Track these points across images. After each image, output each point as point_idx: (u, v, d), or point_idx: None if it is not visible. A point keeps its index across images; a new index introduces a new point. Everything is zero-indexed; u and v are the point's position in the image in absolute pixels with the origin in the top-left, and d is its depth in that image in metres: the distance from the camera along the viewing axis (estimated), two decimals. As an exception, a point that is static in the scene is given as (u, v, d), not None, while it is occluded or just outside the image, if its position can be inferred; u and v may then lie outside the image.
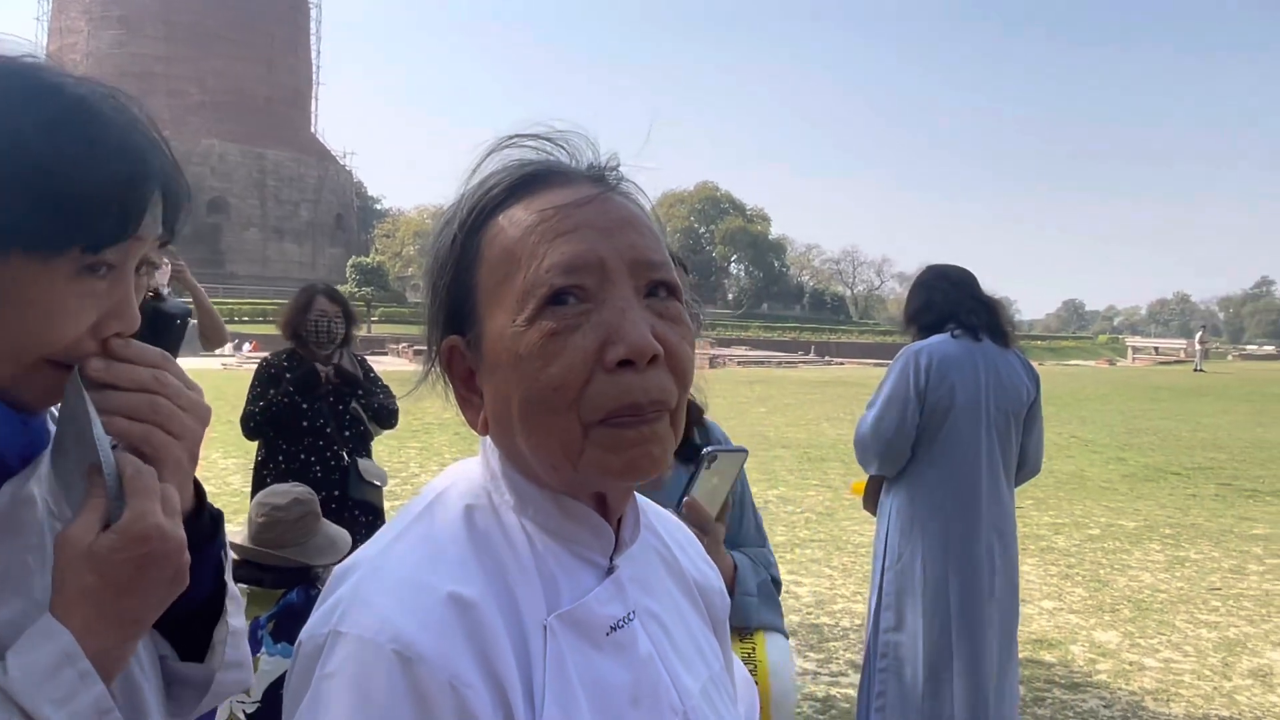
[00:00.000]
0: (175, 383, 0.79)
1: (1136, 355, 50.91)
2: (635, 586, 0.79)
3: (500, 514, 0.74)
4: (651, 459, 0.69)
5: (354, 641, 0.64)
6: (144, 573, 0.72)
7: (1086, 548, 6.97)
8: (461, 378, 0.76)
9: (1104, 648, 4.81)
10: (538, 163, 0.75)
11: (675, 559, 0.89)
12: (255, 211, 63.48)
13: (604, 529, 0.76)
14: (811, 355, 43.67)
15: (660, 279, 0.72)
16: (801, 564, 6.26)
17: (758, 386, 22.09)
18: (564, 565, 0.74)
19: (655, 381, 0.68)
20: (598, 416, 0.68)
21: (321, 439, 3.92)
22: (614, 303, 0.68)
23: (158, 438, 0.76)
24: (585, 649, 0.71)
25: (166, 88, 63.32)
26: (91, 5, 64.19)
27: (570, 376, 0.67)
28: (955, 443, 2.93)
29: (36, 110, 0.71)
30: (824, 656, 4.52)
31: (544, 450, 0.70)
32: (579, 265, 0.69)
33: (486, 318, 0.72)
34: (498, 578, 0.70)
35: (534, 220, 0.71)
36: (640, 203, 0.77)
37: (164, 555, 0.73)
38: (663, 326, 0.70)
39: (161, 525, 0.72)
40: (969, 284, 3.08)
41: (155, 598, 0.74)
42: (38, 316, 0.73)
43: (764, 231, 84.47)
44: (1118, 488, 9.55)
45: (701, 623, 0.88)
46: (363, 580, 0.69)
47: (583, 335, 0.67)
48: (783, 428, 13.98)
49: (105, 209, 0.72)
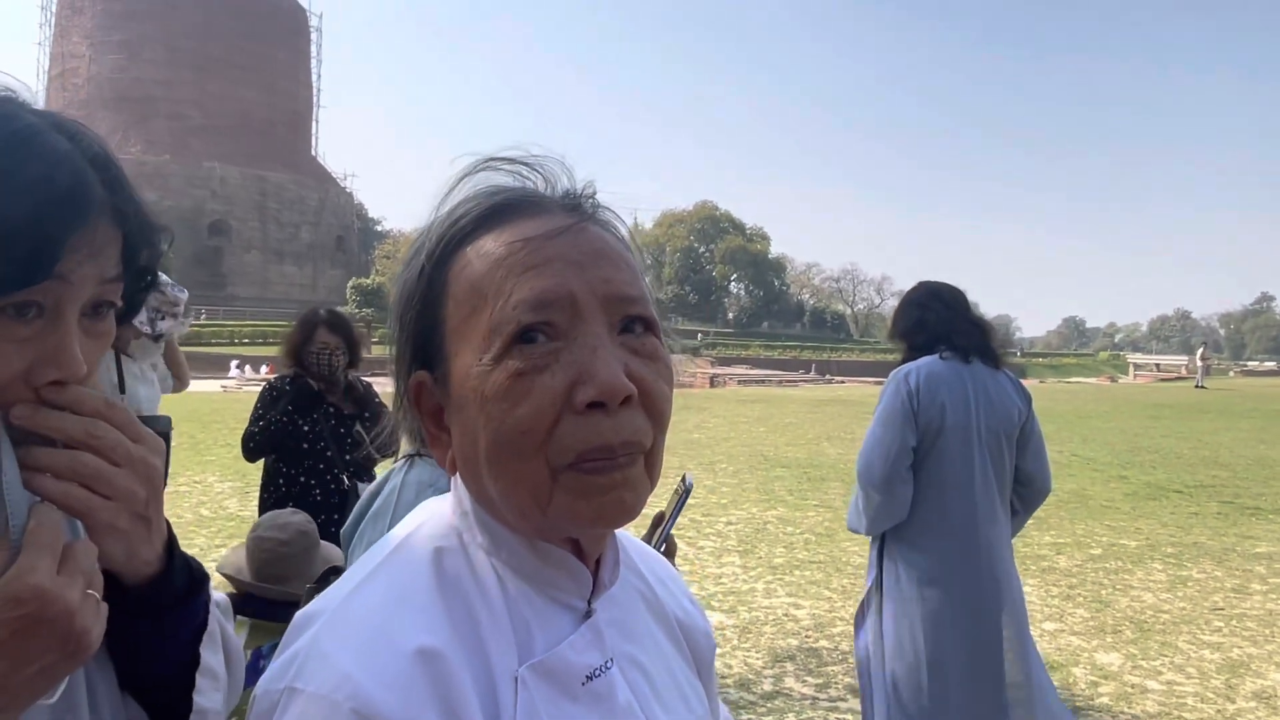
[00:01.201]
0: (112, 435, 0.71)
1: (1138, 372, 50.89)
2: (614, 631, 0.75)
3: (471, 556, 0.71)
4: (623, 505, 0.66)
5: (310, 699, 0.61)
6: (20, 638, 0.64)
7: (1088, 568, 6.91)
8: (430, 414, 0.73)
9: (1106, 670, 4.76)
10: (509, 191, 0.72)
11: (658, 599, 0.85)
12: (256, 234, 63.69)
13: (581, 572, 0.73)
14: (812, 374, 43.64)
15: (636, 314, 0.68)
16: (800, 586, 6.21)
17: (757, 405, 22.04)
18: (538, 610, 0.71)
19: (628, 422, 0.65)
20: (566, 460, 0.64)
21: (322, 462, 3.89)
22: (585, 340, 0.65)
23: (79, 498, 0.69)
24: (559, 700, 0.68)
25: (168, 111, 63.76)
26: (93, 30, 64.68)
27: (538, 419, 0.64)
28: (947, 464, 2.91)
29: None
30: (822, 681, 4.47)
31: (512, 495, 0.67)
32: (548, 301, 0.65)
33: (453, 355, 0.69)
34: (467, 625, 0.66)
35: (502, 253, 0.67)
36: (618, 232, 0.73)
37: (44, 620, 0.64)
38: (637, 364, 0.67)
39: (41, 586, 0.64)
40: (961, 305, 3.08)
41: (33, 667, 0.65)
42: None
43: (764, 250, 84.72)
44: (1119, 506, 9.49)
45: (685, 665, 0.85)
46: (322, 632, 0.65)
47: (551, 375, 0.64)
48: (782, 447, 13.92)
49: (7, 250, 0.66)
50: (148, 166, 60.41)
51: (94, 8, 64.85)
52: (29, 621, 0.64)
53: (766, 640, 5.06)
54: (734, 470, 11.46)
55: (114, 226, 0.73)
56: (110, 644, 0.75)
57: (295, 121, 71.56)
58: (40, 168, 0.68)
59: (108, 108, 63.20)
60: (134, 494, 0.73)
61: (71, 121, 0.75)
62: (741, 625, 5.30)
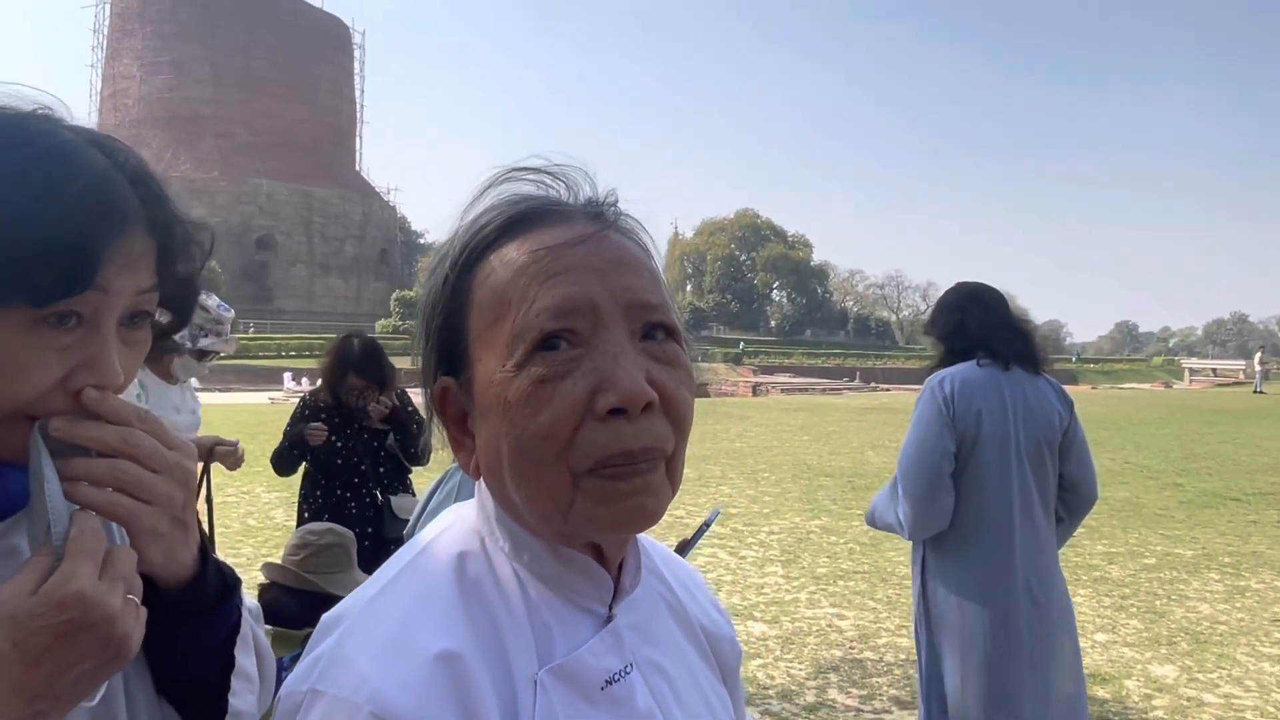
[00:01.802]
0: (148, 443, 0.74)
1: (1193, 377, 49.75)
2: (635, 636, 0.76)
3: (493, 561, 0.72)
4: (644, 511, 0.67)
5: (331, 701, 0.62)
6: (64, 642, 0.66)
7: (1142, 578, 6.74)
8: (455, 420, 0.74)
9: (1161, 682, 4.62)
10: (532, 199, 0.73)
11: (682, 605, 0.85)
12: (302, 248, 64.82)
13: (602, 577, 0.73)
14: (857, 381, 43.28)
15: (657, 321, 0.69)
16: (845, 596, 6.13)
17: (800, 414, 21.89)
18: (559, 615, 0.71)
19: (649, 428, 0.66)
20: (587, 465, 0.65)
21: (357, 476, 3.95)
22: (606, 347, 0.66)
23: (122, 504, 0.72)
24: (579, 704, 0.68)
25: (215, 130, 65.23)
26: (144, 51, 66.41)
27: (559, 426, 0.65)
28: (985, 472, 2.84)
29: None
30: (866, 693, 4.40)
31: (534, 501, 0.68)
32: (570, 308, 0.66)
33: (477, 361, 0.70)
34: (487, 629, 0.67)
35: (525, 261, 0.68)
36: (640, 240, 0.74)
37: (86, 625, 0.66)
38: (659, 371, 0.67)
39: (84, 591, 0.66)
40: (1001, 308, 3.00)
41: (76, 671, 0.67)
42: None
43: (805, 258, 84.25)
44: (1174, 515, 9.25)
45: (709, 672, 0.84)
46: (345, 635, 0.67)
47: (573, 382, 0.65)
48: (826, 456, 13.80)
49: (49, 262, 0.68)
50: (197, 183, 61.77)
51: (144, 29, 66.61)
52: (72, 627, 0.66)
53: (810, 651, 4.99)
54: (776, 479, 11.38)
55: (150, 238, 0.76)
56: (147, 647, 0.76)
57: (339, 137, 72.81)
58: (78, 182, 0.71)
59: (158, 126, 64.79)
60: (172, 498, 0.75)
61: (106, 136, 0.77)
62: (784, 636, 5.24)
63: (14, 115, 0.73)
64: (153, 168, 0.80)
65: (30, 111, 0.75)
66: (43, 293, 0.69)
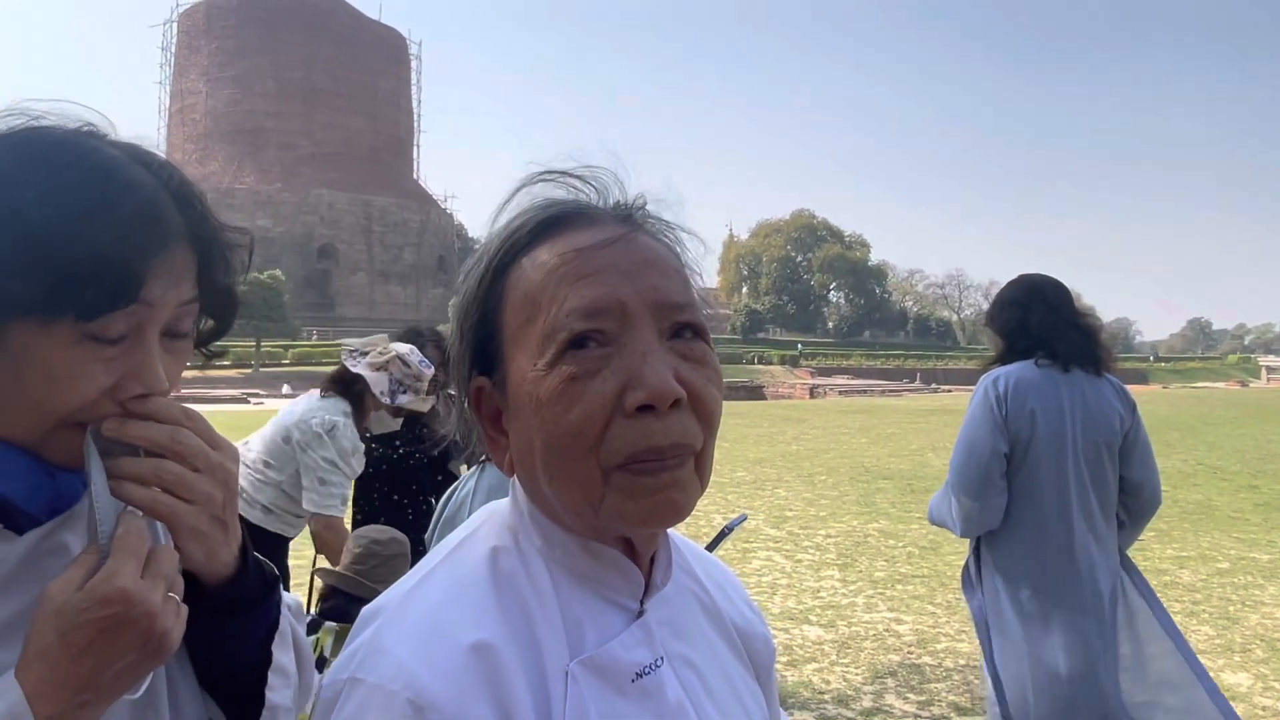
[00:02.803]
0: (194, 442, 0.77)
1: (1271, 375, 48.04)
2: (666, 630, 0.77)
3: (526, 556, 0.73)
4: (673, 506, 0.68)
5: (370, 689, 0.64)
6: (107, 636, 0.69)
7: (1214, 583, 6.52)
8: (489, 418, 0.76)
9: (1234, 691, 4.46)
10: (562, 203, 0.75)
11: (714, 602, 0.86)
12: (362, 256, 66.07)
13: (633, 572, 0.74)
14: (917, 383, 42.67)
15: (685, 320, 0.71)
16: (903, 600, 6.03)
17: (859, 416, 21.65)
18: (590, 609, 0.73)
19: (677, 425, 0.67)
20: (617, 461, 0.66)
21: (415, 483, 3.98)
22: (635, 346, 0.67)
23: (164, 503, 0.75)
24: (609, 696, 0.69)
25: (278, 142, 66.84)
26: (209, 67, 68.34)
27: (589, 423, 0.66)
28: (1041, 474, 2.76)
29: (45, 179, 0.71)
30: (925, 699, 4.32)
31: (566, 496, 0.70)
32: (599, 309, 0.68)
33: (510, 361, 0.72)
34: (520, 622, 0.69)
35: (556, 263, 0.70)
36: (668, 242, 0.76)
37: (128, 620, 0.69)
38: (687, 369, 0.69)
39: (127, 589, 0.69)
40: (1065, 304, 2.90)
41: (118, 664, 0.70)
42: (40, 380, 0.73)
43: (863, 258, 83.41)
44: (1249, 518, 8.94)
45: (742, 669, 0.85)
46: (383, 626, 0.69)
47: (602, 380, 0.67)
48: (884, 459, 13.63)
49: (97, 278, 0.71)
50: (261, 195, 63.43)
51: (209, 46, 68.59)
52: (115, 622, 0.69)
53: (866, 656, 4.92)
54: (834, 482, 11.26)
55: (191, 251, 0.79)
56: (189, 642, 0.79)
57: (397, 146, 74.11)
58: (123, 199, 0.73)
59: (224, 140, 66.64)
60: (213, 498, 0.77)
61: (149, 152, 0.79)
62: (840, 640, 5.17)
63: (61, 134, 0.76)
64: (193, 182, 0.82)
65: (76, 130, 0.77)
66: (90, 307, 0.71)
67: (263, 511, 3.42)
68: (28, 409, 0.74)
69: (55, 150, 0.74)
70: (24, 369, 0.72)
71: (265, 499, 3.42)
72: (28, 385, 0.73)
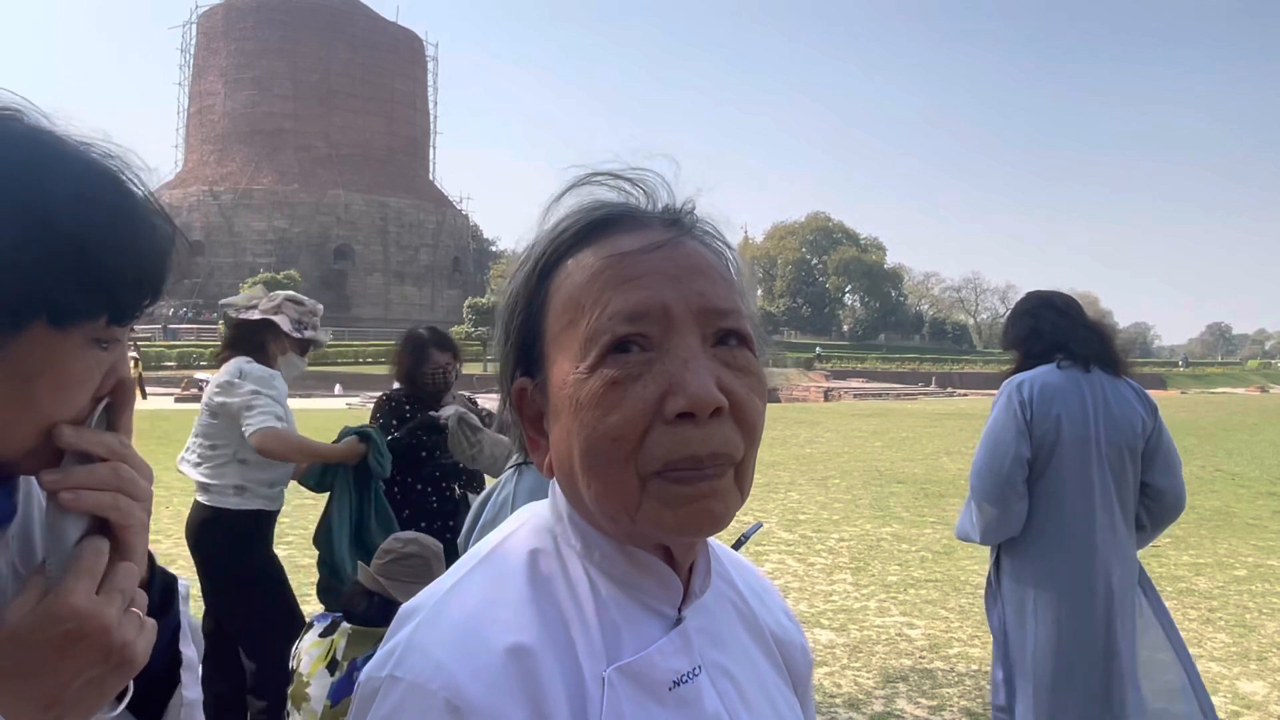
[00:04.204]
0: (130, 449, 0.79)
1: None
2: (704, 639, 0.76)
3: (565, 559, 0.74)
4: (710, 515, 0.67)
5: (408, 687, 0.65)
6: (64, 654, 0.70)
7: (1231, 590, 6.46)
8: (531, 420, 0.76)
9: (1250, 700, 4.42)
10: (609, 206, 0.74)
11: (752, 611, 0.85)
12: (378, 257, 66.33)
13: (671, 579, 0.74)
14: (932, 386, 42.50)
15: (730, 327, 0.70)
16: (915, 605, 6.00)
17: (874, 419, 21.57)
18: (628, 615, 0.72)
19: (717, 433, 0.66)
20: (654, 468, 0.66)
21: (439, 470, 3.99)
22: (677, 352, 0.67)
23: (124, 502, 0.76)
24: (646, 703, 0.69)
25: (296, 143, 67.21)
26: (228, 69, 68.77)
27: (629, 427, 0.66)
28: (1064, 477, 2.75)
29: (65, 182, 0.70)
30: (936, 703, 4.29)
31: (603, 500, 0.69)
32: (642, 313, 0.67)
33: (552, 363, 0.72)
34: (557, 625, 0.69)
35: (600, 266, 0.70)
36: (715, 247, 0.74)
37: (83, 636, 0.70)
38: (729, 377, 0.68)
39: (77, 605, 0.70)
40: (1076, 311, 2.92)
41: (81, 680, 0.71)
42: (49, 388, 0.73)
43: (879, 261, 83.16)
44: (1268, 525, 8.84)
45: (779, 679, 0.84)
46: (422, 625, 0.69)
47: (643, 385, 0.66)
48: (899, 462, 13.56)
49: (132, 281, 0.74)
50: (278, 195, 63.76)
51: (228, 47, 69.01)
52: (69, 639, 0.70)
53: (878, 660, 4.90)
54: (847, 485, 11.22)
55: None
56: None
57: (414, 148, 74.35)
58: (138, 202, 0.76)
59: (242, 141, 67.07)
60: (149, 495, 0.79)
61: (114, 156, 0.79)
62: (852, 644, 5.15)
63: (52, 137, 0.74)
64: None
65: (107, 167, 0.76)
66: (127, 308, 0.75)
67: (235, 492, 3.47)
68: (27, 420, 0.72)
69: (44, 150, 0.72)
70: (33, 378, 0.71)
71: (232, 480, 3.47)
72: (35, 393, 0.72)
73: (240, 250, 62.69)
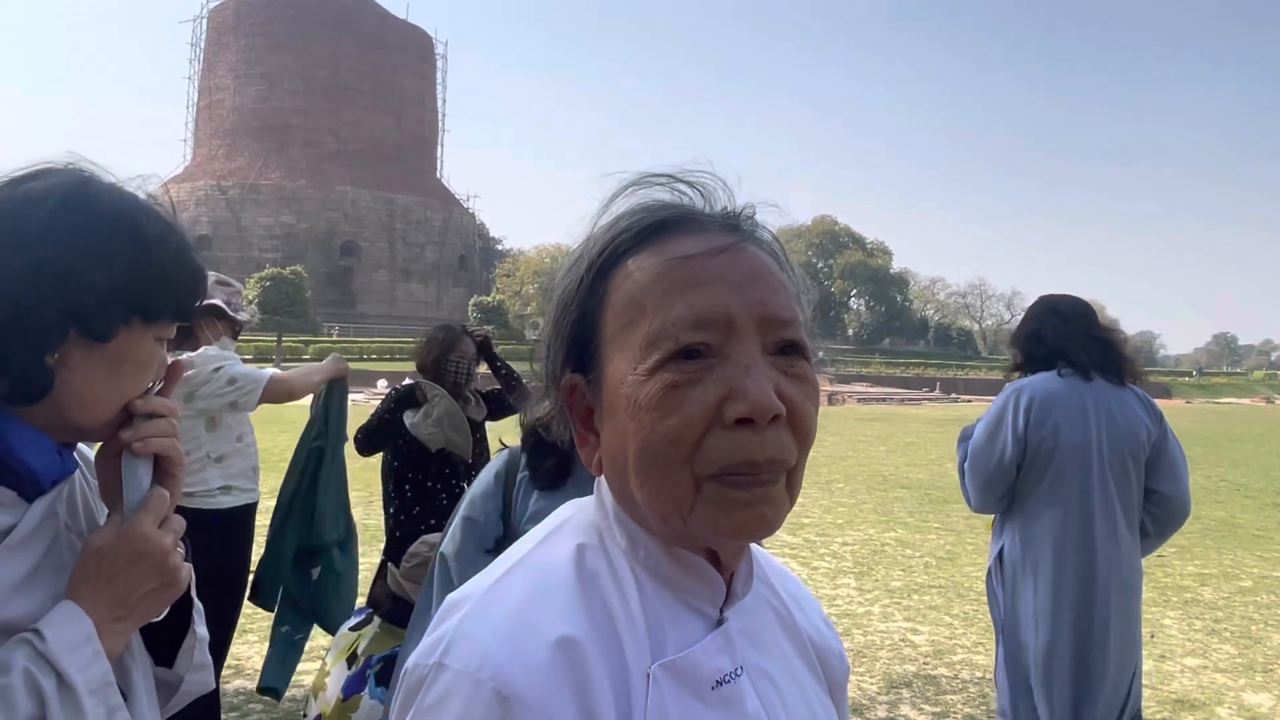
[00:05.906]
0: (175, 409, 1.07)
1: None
2: (745, 641, 0.76)
3: (611, 555, 0.74)
4: (763, 521, 0.68)
5: (456, 675, 0.65)
6: (133, 567, 0.95)
7: (1236, 601, 6.44)
8: (580, 416, 0.76)
9: (1255, 711, 4.40)
10: (671, 207, 0.74)
11: (791, 616, 0.85)
12: (384, 254, 66.39)
13: (716, 580, 0.74)
14: (936, 392, 42.44)
15: (789, 338, 0.70)
16: (919, 611, 5.99)
17: (877, 424, 21.56)
18: (672, 612, 0.72)
19: (774, 440, 0.67)
20: (711, 471, 0.66)
21: (449, 466, 3.98)
22: (738, 359, 0.67)
23: (177, 446, 1.04)
24: (689, 701, 0.69)
25: (304, 139, 67.32)
26: (237, 64, 68.92)
27: (687, 430, 0.66)
28: (1064, 484, 2.79)
29: (152, 224, 1.01)
30: (940, 710, 4.29)
31: (656, 501, 0.69)
32: (706, 320, 0.68)
33: (608, 361, 0.72)
34: (603, 620, 0.69)
35: (663, 269, 0.70)
36: (775, 253, 0.75)
37: (146, 555, 0.96)
38: (787, 385, 0.69)
39: (148, 532, 0.97)
40: (1081, 319, 2.92)
41: (141, 591, 0.96)
42: (132, 371, 1.00)
43: (885, 265, 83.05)
44: (1274, 536, 8.82)
45: (817, 685, 0.84)
46: (469, 615, 0.69)
47: (704, 389, 0.66)
48: (903, 468, 13.55)
49: (191, 290, 1.05)
50: (286, 191, 63.88)
51: (237, 42, 69.17)
52: (137, 555, 0.96)
53: (882, 665, 4.89)
54: (851, 490, 11.21)
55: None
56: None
57: (421, 145, 74.45)
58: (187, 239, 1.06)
59: (250, 136, 67.20)
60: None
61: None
62: (856, 649, 5.14)
63: (164, 211, 1.05)
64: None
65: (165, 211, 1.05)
66: (189, 311, 1.05)
67: (222, 492, 3.48)
68: (113, 398, 0.99)
69: (137, 201, 1.02)
70: (123, 363, 0.98)
71: (218, 481, 3.47)
72: (123, 376, 0.99)
73: (247, 245, 62.79)
